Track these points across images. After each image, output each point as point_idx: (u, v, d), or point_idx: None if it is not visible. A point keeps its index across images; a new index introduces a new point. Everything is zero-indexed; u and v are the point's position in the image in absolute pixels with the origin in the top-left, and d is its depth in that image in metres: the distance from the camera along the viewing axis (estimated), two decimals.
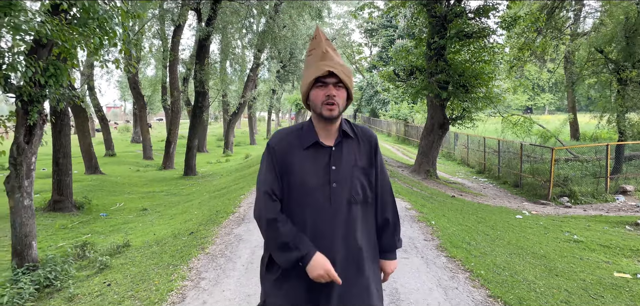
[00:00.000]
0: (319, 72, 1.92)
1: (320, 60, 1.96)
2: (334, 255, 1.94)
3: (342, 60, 2.00)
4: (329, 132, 2.03)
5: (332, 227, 1.96)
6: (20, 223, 5.81)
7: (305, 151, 2.00)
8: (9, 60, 5.46)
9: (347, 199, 1.98)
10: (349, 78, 1.99)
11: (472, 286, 4.46)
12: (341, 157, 2.01)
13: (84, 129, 17.70)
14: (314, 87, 1.96)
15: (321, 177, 1.97)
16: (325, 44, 2.00)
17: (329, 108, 1.94)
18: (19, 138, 5.83)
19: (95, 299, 4.55)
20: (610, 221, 10.95)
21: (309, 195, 1.96)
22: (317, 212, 1.96)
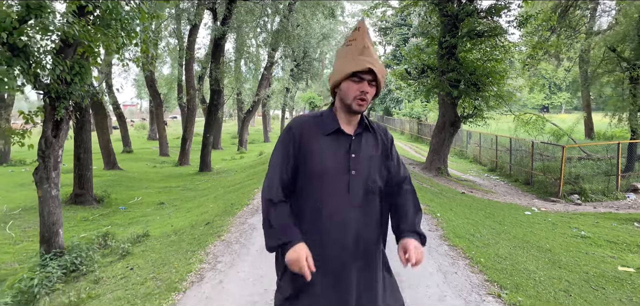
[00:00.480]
0: (358, 67, 1.93)
1: (360, 54, 1.96)
2: (348, 241, 1.97)
3: (377, 57, 2.03)
4: (350, 123, 2.06)
5: (348, 213, 1.97)
6: (48, 212, 6.19)
7: (326, 137, 2.01)
8: (38, 59, 5.83)
9: (364, 187, 2.00)
10: (383, 78, 2.02)
11: (470, 272, 4.73)
12: (360, 146, 2.04)
13: (103, 126, 18.23)
14: (349, 79, 1.97)
15: (341, 164, 1.99)
16: (367, 38, 2.00)
17: (359, 103, 1.96)
18: (47, 133, 6.21)
19: (119, 281, 4.91)
20: (619, 218, 11.05)
21: (327, 181, 1.97)
22: (335, 198, 1.97)
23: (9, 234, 9.28)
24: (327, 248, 1.97)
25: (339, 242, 1.97)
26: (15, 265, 7.39)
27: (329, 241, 1.97)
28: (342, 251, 1.97)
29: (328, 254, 1.97)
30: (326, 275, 1.96)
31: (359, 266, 2.00)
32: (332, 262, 1.97)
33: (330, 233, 1.96)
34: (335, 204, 1.97)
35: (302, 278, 1.89)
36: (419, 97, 19.43)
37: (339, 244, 1.97)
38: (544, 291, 4.80)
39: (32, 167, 19.85)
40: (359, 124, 2.08)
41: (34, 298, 5.20)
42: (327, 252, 1.97)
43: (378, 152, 2.09)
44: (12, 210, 11.23)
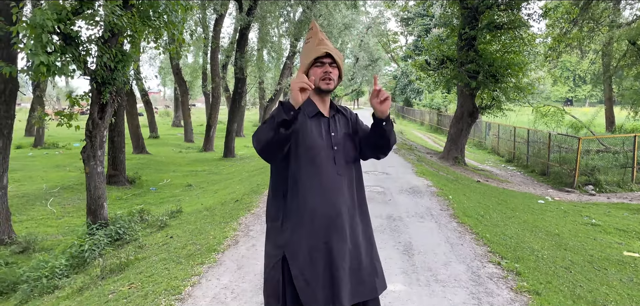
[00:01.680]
0: (318, 53, 2.30)
1: (318, 44, 2.34)
2: (341, 205, 2.32)
3: (333, 47, 2.40)
4: (324, 106, 2.43)
5: (339, 182, 2.34)
6: (94, 186, 6.85)
7: (310, 120, 2.36)
8: (88, 48, 6.46)
9: (345, 159, 2.39)
10: (341, 60, 2.39)
11: (476, 244, 5.22)
12: (336, 125, 2.43)
13: (133, 112, 19.04)
14: (314, 66, 2.34)
15: (325, 141, 2.36)
16: (320, 34, 2.39)
17: (326, 82, 2.33)
18: (94, 115, 6.85)
19: (161, 247, 5.53)
20: (632, 208, 11.30)
21: (318, 156, 2.32)
22: (326, 170, 2.32)
23: (51, 210, 10.02)
24: (321, 208, 2.29)
25: (331, 203, 2.30)
26: (59, 236, 8.11)
27: (323, 202, 2.29)
28: (334, 210, 2.30)
29: (323, 214, 2.28)
30: (323, 232, 2.27)
31: (348, 221, 2.35)
32: (327, 221, 2.28)
33: (323, 196, 2.29)
34: (328, 175, 2.32)
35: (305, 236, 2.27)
36: (439, 88, 19.75)
37: (332, 204, 2.30)
38: (544, 266, 5.24)
39: (64, 149, 20.81)
40: (331, 108, 2.46)
41: (84, 261, 5.87)
42: (322, 213, 2.28)
43: (349, 129, 2.49)
44: (51, 189, 12.00)
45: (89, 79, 6.80)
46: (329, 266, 2.27)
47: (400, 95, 53.91)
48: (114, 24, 6.05)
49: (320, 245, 2.26)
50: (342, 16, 25.45)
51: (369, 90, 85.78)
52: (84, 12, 6.05)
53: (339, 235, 2.29)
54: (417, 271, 4.35)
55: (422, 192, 8.49)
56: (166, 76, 44.50)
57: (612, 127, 26.42)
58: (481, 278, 4.21)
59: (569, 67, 69.88)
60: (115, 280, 4.59)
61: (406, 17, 51.12)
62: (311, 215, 2.28)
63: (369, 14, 45.78)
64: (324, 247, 2.26)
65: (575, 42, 21.59)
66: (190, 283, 3.96)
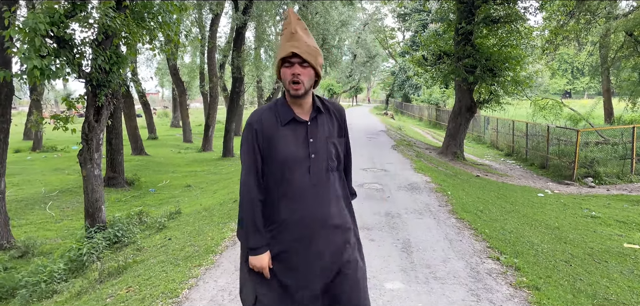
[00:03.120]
0: (283, 53, 2.07)
1: (288, 40, 2.07)
2: (315, 221, 2.12)
3: (310, 40, 2.13)
4: (303, 108, 2.17)
5: (313, 194, 2.12)
6: (91, 189, 6.83)
7: (284, 127, 2.12)
8: (81, 50, 6.43)
9: (325, 167, 2.15)
10: (314, 58, 2.10)
11: (474, 240, 5.21)
12: (317, 129, 2.16)
13: (130, 113, 19.01)
14: (283, 67, 2.10)
15: (301, 150, 2.11)
16: (295, 24, 2.11)
17: (294, 88, 2.08)
18: (90, 118, 6.82)
19: (159, 249, 5.51)
20: (631, 200, 11.29)
21: (290, 168, 2.10)
22: (298, 183, 2.10)
23: (49, 213, 10.00)
24: (294, 224, 2.13)
25: (304, 217, 2.11)
26: (58, 240, 8.10)
27: (296, 217, 2.12)
28: (308, 224, 2.12)
29: (296, 229, 2.13)
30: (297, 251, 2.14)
31: (324, 235, 2.14)
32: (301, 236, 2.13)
33: (295, 211, 2.11)
34: (301, 188, 2.11)
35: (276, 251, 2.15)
36: (437, 83, 19.73)
37: (304, 218, 2.12)
38: (543, 260, 5.23)
39: (63, 152, 20.78)
40: (313, 108, 2.19)
41: (83, 265, 5.85)
42: (295, 227, 2.13)
43: (333, 132, 2.23)
44: (50, 192, 11.97)
45: (84, 82, 6.78)
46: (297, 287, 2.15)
47: (399, 91, 53.89)
48: (108, 26, 6.02)
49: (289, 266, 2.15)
50: (338, 13, 25.43)
51: (368, 87, 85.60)
52: (77, 15, 6.02)
53: (312, 256, 2.14)
54: (415, 268, 4.34)
55: (421, 188, 8.47)
56: (164, 77, 44.44)
57: (611, 118, 26.43)
58: (480, 274, 4.20)
59: (567, 59, 69.96)
60: (114, 284, 4.57)
61: (403, 13, 51.10)
62: (283, 233, 2.13)
63: (365, 11, 45.81)
64: (292, 271, 2.14)
65: (573, 35, 21.59)
66: (188, 285, 3.95)
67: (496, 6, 15.55)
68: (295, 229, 2.13)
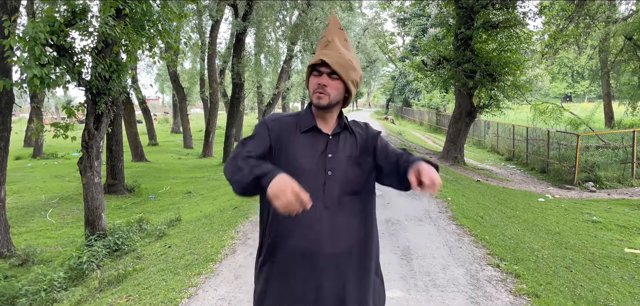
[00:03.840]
0: (314, 60, 1.91)
1: (321, 48, 1.93)
2: (321, 243, 1.86)
3: (347, 53, 1.95)
4: (327, 122, 1.98)
5: (322, 214, 1.87)
6: (91, 197, 6.83)
7: (302, 135, 1.94)
8: (81, 59, 6.44)
9: (340, 188, 1.90)
10: (345, 70, 1.90)
11: (474, 247, 5.21)
12: (338, 146, 1.95)
13: (131, 120, 19.03)
14: (312, 75, 1.94)
15: (316, 163, 1.90)
16: (334, 33, 1.96)
17: (318, 96, 1.89)
18: (90, 125, 6.82)
19: (159, 257, 5.51)
20: (632, 204, 11.28)
21: (302, 180, 1.76)
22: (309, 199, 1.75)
23: (50, 221, 9.99)
24: (298, 250, 1.87)
25: (311, 244, 1.86)
26: (59, 248, 8.09)
27: (301, 243, 1.87)
28: (314, 253, 1.86)
29: (300, 255, 1.87)
30: (299, 279, 1.87)
31: (334, 268, 1.88)
32: (304, 265, 1.86)
33: (302, 235, 1.86)
34: (312, 205, 1.73)
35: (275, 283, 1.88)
36: (436, 88, 19.77)
37: (312, 246, 1.86)
38: (544, 266, 5.22)
39: (63, 160, 20.79)
40: (339, 123, 1.99)
41: (83, 273, 5.85)
42: (299, 254, 1.87)
43: (357, 152, 1.98)
44: (51, 199, 11.97)
45: (83, 90, 6.78)
46: None
47: (399, 95, 53.99)
48: (108, 35, 6.03)
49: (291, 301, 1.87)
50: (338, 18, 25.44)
51: (368, 91, 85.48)
52: (77, 23, 6.03)
53: (321, 287, 1.86)
54: (415, 276, 4.33)
55: (421, 194, 8.47)
56: (164, 83, 44.54)
57: (611, 122, 26.43)
58: (480, 281, 4.19)
59: (567, 63, 69.97)
60: (113, 293, 4.57)
61: (403, 18, 51.26)
62: (285, 260, 1.88)
63: (365, 16, 45.80)
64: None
65: (572, 39, 21.61)
66: (187, 294, 3.94)
67: (495, 11, 15.59)
68: (295, 258, 1.87)
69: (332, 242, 1.87)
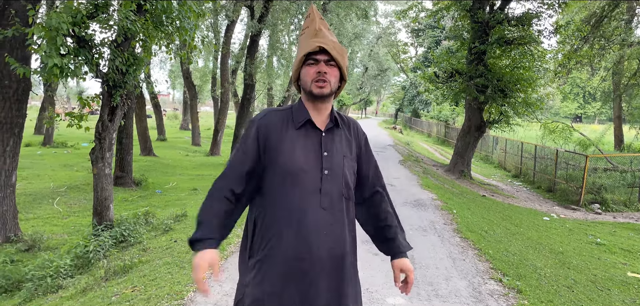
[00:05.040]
0: (309, 48, 1.83)
1: (312, 37, 1.86)
2: (317, 245, 1.80)
3: (335, 39, 1.91)
4: (320, 115, 1.92)
5: (318, 215, 1.82)
6: (101, 187, 6.93)
7: (295, 131, 1.86)
8: (100, 51, 6.56)
9: (337, 190, 1.86)
10: (342, 57, 1.88)
11: (478, 260, 5.25)
12: (333, 143, 1.90)
13: (141, 114, 19.19)
14: (305, 65, 1.87)
15: (312, 162, 1.84)
16: (319, 22, 1.91)
17: (319, 86, 1.84)
18: (104, 117, 6.93)
19: (165, 250, 5.59)
20: (637, 228, 11.25)
21: (298, 180, 1.81)
22: (305, 199, 1.81)
23: (57, 209, 10.12)
24: (293, 251, 1.80)
25: (307, 246, 1.79)
26: (64, 236, 8.20)
27: (296, 245, 1.80)
28: (309, 256, 1.80)
29: (294, 258, 1.80)
30: (292, 281, 1.80)
31: (328, 272, 1.83)
32: (298, 267, 1.80)
33: (297, 236, 1.80)
34: (305, 205, 1.80)
35: (267, 283, 1.80)
36: (447, 100, 19.78)
37: (307, 248, 1.80)
38: (546, 285, 5.24)
39: (73, 149, 20.99)
40: (331, 118, 1.93)
41: (89, 262, 5.94)
42: (293, 256, 1.80)
43: (351, 151, 1.96)
44: (58, 188, 12.11)
45: (100, 82, 6.90)
46: None
47: (408, 106, 53.97)
48: (128, 29, 6.14)
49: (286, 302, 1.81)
50: (352, 26, 25.57)
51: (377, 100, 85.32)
52: (99, 16, 6.15)
53: (314, 291, 1.81)
54: (418, 285, 4.38)
55: (427, 205, 8.51)
56: (176, 79, 44.83)
57: (621, 145, 26.31)
58: (482, 294, 4.24)
59: (579, 83, 69.68)
60: (119, 282, 4.65)
61: (417, 29, 51.31)
62: (279, 261, 1.79)
63: (379, 24, 45.90)
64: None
65: (586, 59, 21.58)
66: (193, 288, 4.01)
67: (510, 28, 15.60)
68: (289, 264, 1.80)
69: (329, 244, 1.82)
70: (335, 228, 1.84)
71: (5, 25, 6.39)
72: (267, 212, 1.83)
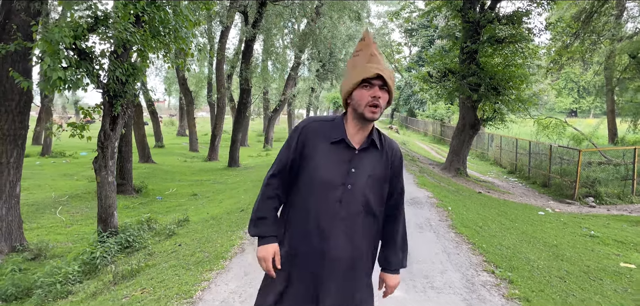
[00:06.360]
0: (367, 73, 1.93)
1: (368, 61, 1.96)
2: (330, 256, 1.99)
3: (388, 64, 2.09)
4: (360, 135, 2.05)
5: (336, 228, 1.98)
6: (105, 195, 7.10)
7: (330, 145, 2.01)
8: (100, 62, 6.73)
9: (358, 205, 2.00)
10: (393, 82, 2.00)
11: (472, 254, 5.46)
12: (363, 162, 2.03)
13: (139, 122, 19.35)
14: (360, 87, 1.97)
15: (338, 175, 1.99)
16: (373, 47, 2.02)
17: (372, 111, 1.96)
18: (105, 126, 7.11)
19: (170, 254, 5.77)
20: (631, 220, 11.45)
21: (321, 189, 1.99)
22: (324, 208, 1.98)
23: (60, 218, 10.26)
24: (308, 256, 2.02)
25: (321, 249, 1.99)
26: (69, 244, 8.35)
27: (312, 250, 2.01)
28: (323, 258, 2.00)
29: (308, 262, 2.02)
30: (303, 281, 2.04)
31: (339, 275, 2.02)
32: (311, 270, 2.02)
33: (314, 242, 2.00)
34: (325, 214, 1.98)
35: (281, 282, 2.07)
36: (441, 100, 20.02)
37: (321, 251, 2.00)
38: (538, 276, 5.43)
39: (71, 159, 21.11)
40: (368, 138, 2.07)
41: (96, 267, 6.10)
42: (308, 260, 2.02)
43: (380, 172, 2.09)
44: (60, 197, 12.24)
45: (101, 92, 7.07)
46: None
47: (404, 105, 54.21)
48: (127, 40, 6.32)
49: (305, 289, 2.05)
50: (346, 28, 25.77)
51: None
52: (99, 29, 6.33)
53: (325, 290, 2.01)
54: (414, 278, 4.58)
55: (423, 203, 8.72)
56: (171, 86, 44.95)
57: (615, 139, 26.57)
58: (475, 285, 4.44)
59: (573, 78, 70.10)
60: (128, 285, 4.82)
61: (410, 28, 51.52)
62: (300, 257, 2.05)
63: (373, 26, 46.13)
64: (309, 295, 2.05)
65: (577, 55, 21.85)
66: (201, 288, 4.20)
67: (501, 26, 15.85)
68: (308, 261, 2.03)
69: (342, 251, 2.00)
70: (350, 238, 2.01)
71: (7, 40, 6.56)
72: (292, 212, 2.09)
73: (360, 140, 2.05)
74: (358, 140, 2.05)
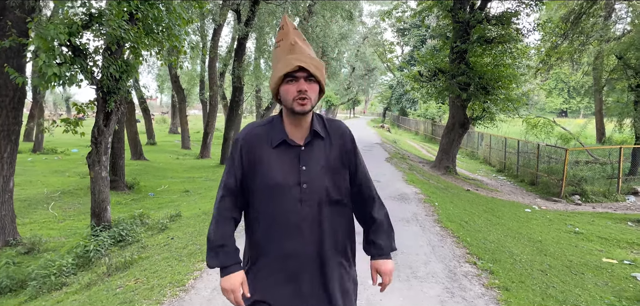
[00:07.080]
0: (288, 68, 1.82)
1: (289, 53, 1.85)
2: (301, 258, 1.92)
3: (312, 52, 1.92)
4: (300, 129, 1.96)
5: (301, 228, 1.91)
6: (98, 190, 7.21)
7: (274, 149, 1.93)
8: (94, 59, 6.84)
9: (318, 200, 1.93)
10: (320, 72, 1.89)
11: (456, 247, 5.64)
12: (311, 156, 1.95)
13: (131, 119, 19.39)
14: (284, 83, 1.87)
15: (290, 177, 1.91)
16: (293, 34, 1.89)
17: (300, 104, 1.85)
18: (99, 122, 7.22)
19: (163, 247, 5.90)
20: (615, 218, 11.70)
21: (277, 195, 1.90)
22: (286, 213, 1.90)
23: (52, 213, 10.34)
24: (277, 260, 1.94)
25: (290, 252, 1.92)
26: (62, 238, 8.45)
27: (281, 254, 1.93)
28: (294, 260, 1.93)
29: (280, 265, 1.95)
30: (281, 285, 1.95)
31: (311, 273, 1.96)
32: (285, 271, 1.95)
33: (280, 246, 1.92)
34: (288, 219, 1.90)
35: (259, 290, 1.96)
36: (432, 98, 20.23)
37: (290, 253, 1.93)
38: (520, 268, 5.62)
39: (63, 155, 21.10)
40: (311, 130, 1.97)
41: (90, 260, 6.23)
42: (280, 267, 1.95)
43: (332, 161, 1.99)
44: (52, 193, 12.31)
45: (95, 88, 7.17)
46: None
47: (396, 104, 54.50)
48: (121, 37, 6.43)
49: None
50: (338, 26, 25.91)
51: (365, 99, 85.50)
52: (93, 26, 6.44)
53: (304, 289, 1.95)
54: (398, 268, 4.75)
55: (410, 198, 8.90)
56: (164, 83, 44.86)
57: (603, 138, 26.92)
58: (456, 275, 4.62)
59: (563, 78, 70.75)
60: (121, 276, 4.95)
61: (402, 28, 51.76)
62: (265, 273, 1.95)
63: (365, 25, 46.33)
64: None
65: (566, 56, 22.12)
66: (193, 276, 4.34)
67: (490, 27, 16.07)
68: (279, 267, 1.94)
69: (311, 248, 1.93)
70: (317, 234, 1.93)
71: (1, 37, 6.66)
72: (254, 226, 1.98)
73: (303, 135, 1.96)
74: (300, 136, 1.96)
